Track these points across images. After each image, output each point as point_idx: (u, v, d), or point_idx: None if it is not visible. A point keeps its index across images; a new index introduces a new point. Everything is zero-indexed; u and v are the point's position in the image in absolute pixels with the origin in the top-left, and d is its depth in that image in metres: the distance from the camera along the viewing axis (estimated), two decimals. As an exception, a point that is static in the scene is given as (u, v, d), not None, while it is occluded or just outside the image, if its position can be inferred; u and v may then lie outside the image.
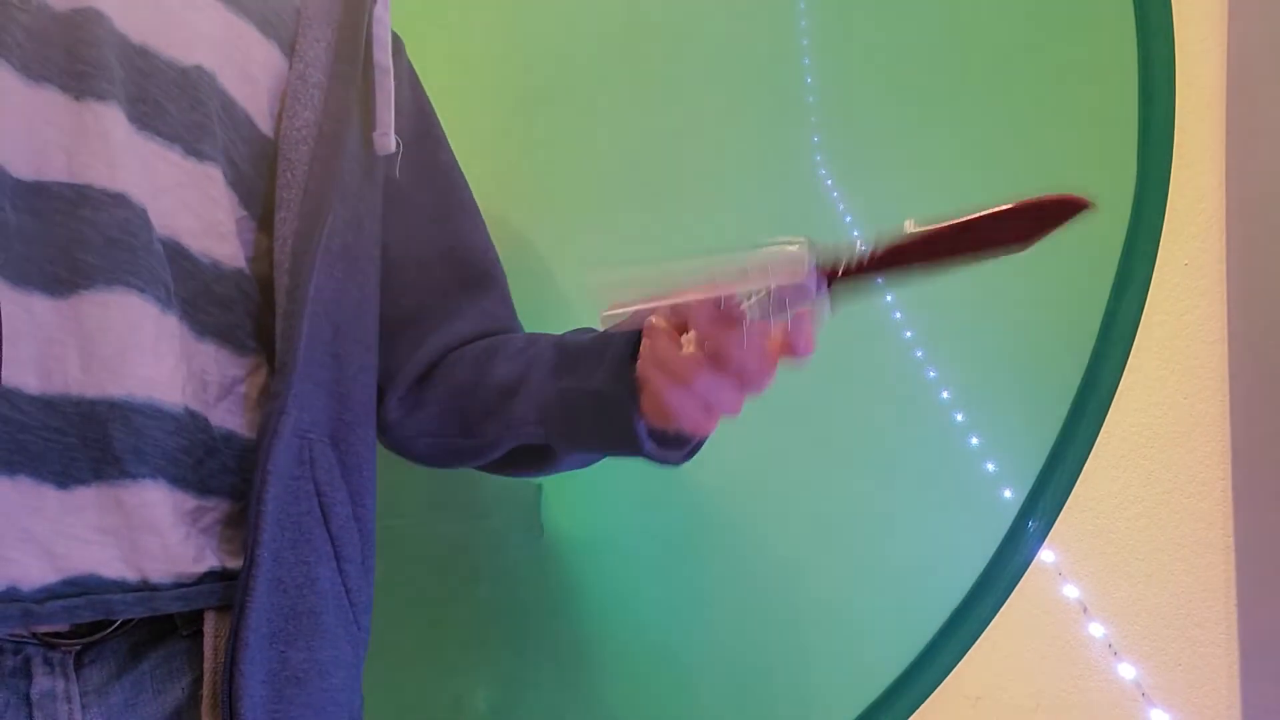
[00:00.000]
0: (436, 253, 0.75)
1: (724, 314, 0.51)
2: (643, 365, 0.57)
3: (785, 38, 0.95)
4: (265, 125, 0.64)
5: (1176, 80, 0.86)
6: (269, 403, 0.59)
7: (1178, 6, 0.86)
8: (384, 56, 0.68)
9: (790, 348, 0.52)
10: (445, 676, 0.95)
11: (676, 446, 0.63)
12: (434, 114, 0.79)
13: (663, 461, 0.63)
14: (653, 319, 0.56)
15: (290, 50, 0.66)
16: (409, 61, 0.77)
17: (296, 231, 0.61)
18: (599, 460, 0.74)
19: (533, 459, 0.73)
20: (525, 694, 0.94)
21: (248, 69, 0.63)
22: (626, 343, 0.61)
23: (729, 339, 0.52)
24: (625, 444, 0.61)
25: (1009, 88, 0.91)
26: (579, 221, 0.97)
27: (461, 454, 0.74)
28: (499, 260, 0.79)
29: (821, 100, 0.93)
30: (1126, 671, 0.81)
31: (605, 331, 0.64)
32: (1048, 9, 0.90)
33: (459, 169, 0.79)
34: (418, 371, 0.72)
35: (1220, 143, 0.85)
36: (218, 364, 0.59)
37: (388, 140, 0.68)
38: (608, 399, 0.60)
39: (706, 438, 0.63)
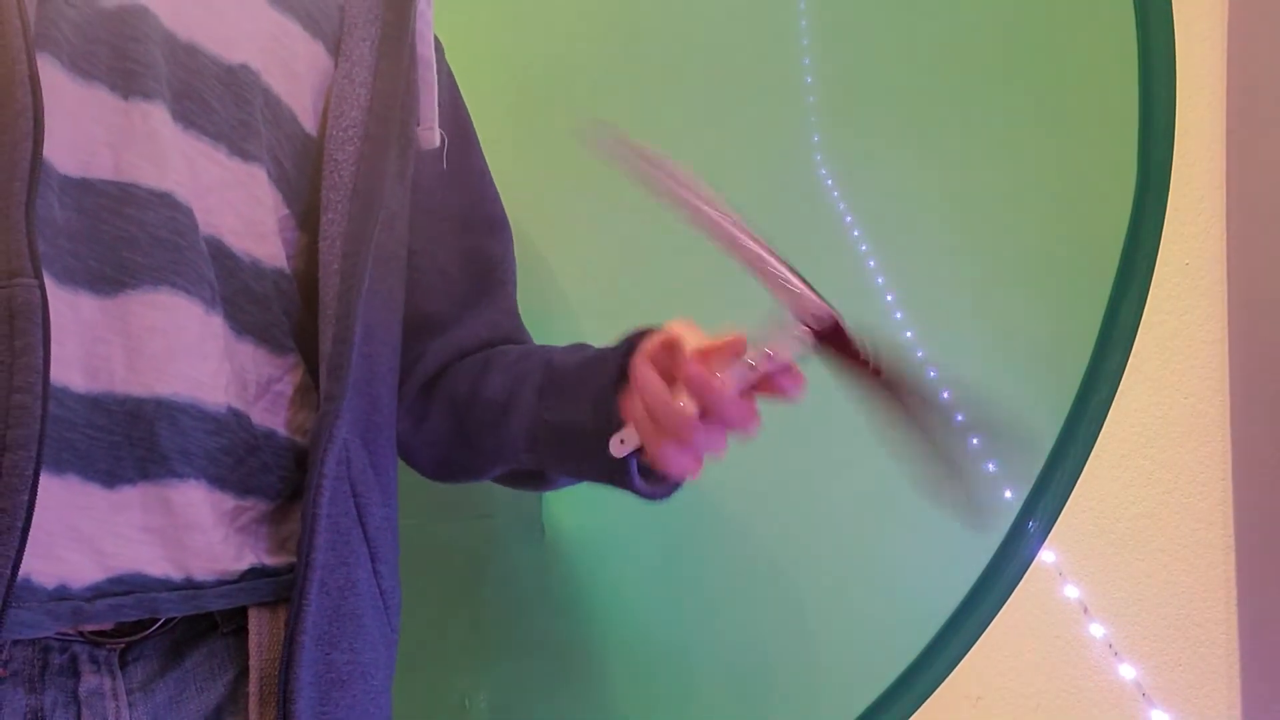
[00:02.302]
0: (458, 263, 0.74)
1: (712, 370, 0.52)
2: (632, 412, 0.56)
3: (785, 38, 0.95)
4: (310, 124, 0.63)
5: (1176, 80, 0.86)
6: (325, 405, 0.58)
7: (1178, 6, 0.86)
8: (426, 50, 0.68)
9: (780, 390, 0.53)
10: (446, 676, 0.95)
11: (660, 481, 0.63)
12: (469, 119, 0.78)
13: (649, 498, 0.62)
14: (639, 364, 0.56)
15: (335, 48, 0.65)
16: (448, 65, 0.76)
17: (346, 234, 0.61)
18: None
19: (530, 478, 0.73)
20: (527, 694, 0.94)
21: (292, 67, 0.63)
22: (611, 377, 0.60)
23: (722, 397, 0.52)
24: (612, 478, 0.61)
25: (1009, 88, 0.91)
26: (579, 222, 0.97)
27: (463, 467, 0.74)
28: (514, 270, 0.79)
29: (821, 100, 0.93)
30: (1126, 671, 0.81)
31: (594, 354, 0.64)
32: (1048, 9, 0.90)
33: (489, 177, 0.78)
34: (422, 381, 0.72)
35: (1220, 143, 0.85)
36: (255, 363, 0.59)
37: (432, 135, 0.68)
38: (591, 434, 0.60)
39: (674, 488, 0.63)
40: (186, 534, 0.54)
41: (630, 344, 0.60)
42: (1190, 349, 0.84)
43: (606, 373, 0.61)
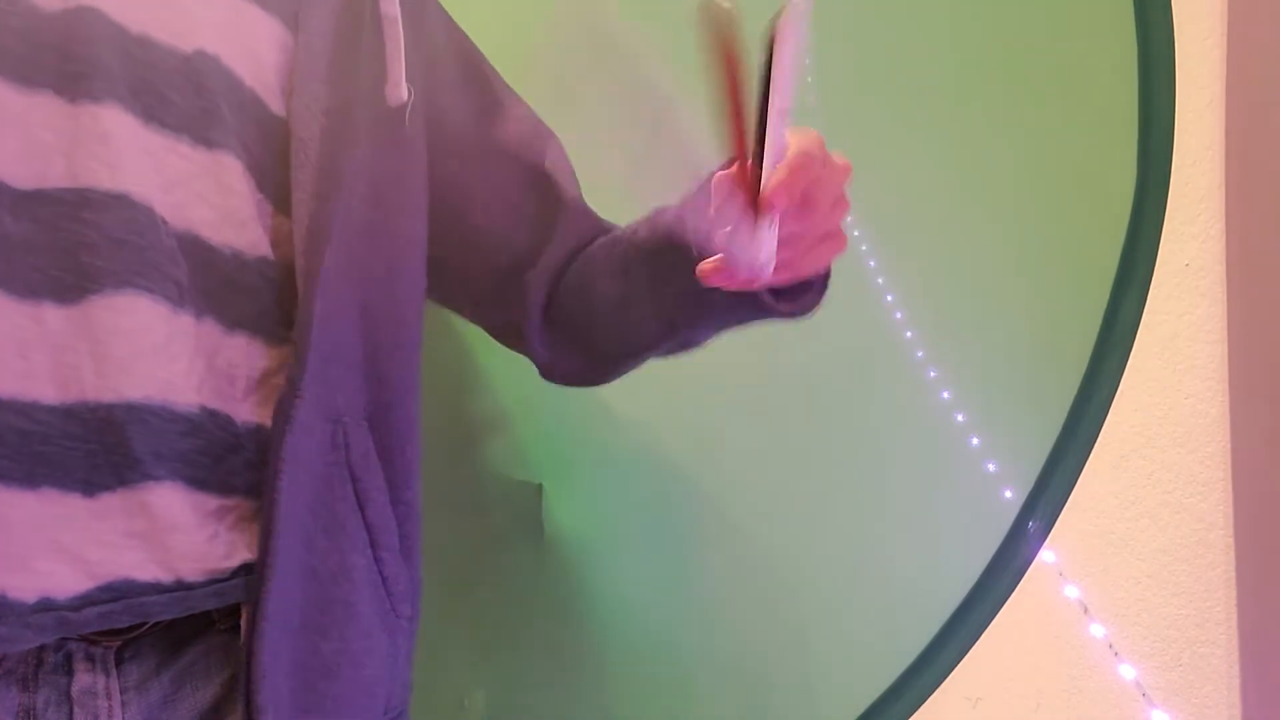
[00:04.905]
0: (523, 190, 0.73)
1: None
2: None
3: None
4: (276, 105, 0.62)
5: (1176, 80, 0.86)
6: (285, 387, 0.57)
7: (1178, 6, 0.86)
8: (390, 6, 0.66)
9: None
10: (445, 676, 0.95)
11: (792, 297, 0.61)
12: (478, 54, 0.76)
13: (781, 314, 0.60)
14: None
15: (294, 23, 0.63)
16: (441, 8, 0.75)
17: (311, 212, 0.59)
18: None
19: (669, 333, 0.71)
20: (525, 694, 0.94)
21: (253, 47, 0.61)
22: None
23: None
24: (745, 304, 0.60)
25: (1009, 88, 0.91)
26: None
27: (615, 364, 0.74)
28: (572, 171, 0.77)
29: (821, 100, 0.93)
30: (1126, 671, 0.81)
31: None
32: (1048, 9, 0.90)
33: (518, 100, 0.78)
34: (539, 314, 0.72)
35: (1220, 143, 0.85)
36: (248, 357, 0.58)
37: (399, 91, 0.65)
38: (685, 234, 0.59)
39: (821, 291, 0.61)
40: (169, 536, 0.53)
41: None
42: (1190, 349, 0.84)
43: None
